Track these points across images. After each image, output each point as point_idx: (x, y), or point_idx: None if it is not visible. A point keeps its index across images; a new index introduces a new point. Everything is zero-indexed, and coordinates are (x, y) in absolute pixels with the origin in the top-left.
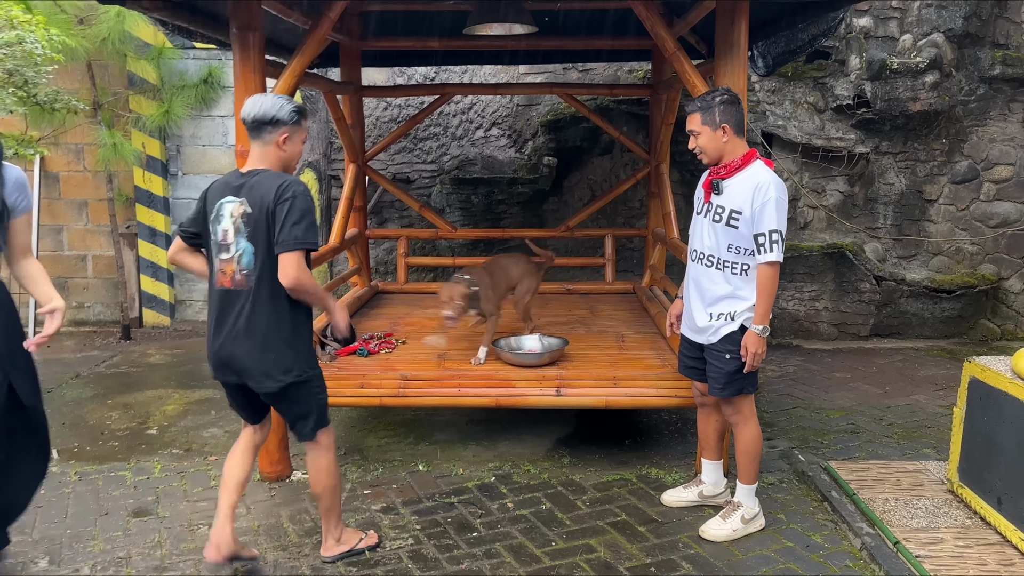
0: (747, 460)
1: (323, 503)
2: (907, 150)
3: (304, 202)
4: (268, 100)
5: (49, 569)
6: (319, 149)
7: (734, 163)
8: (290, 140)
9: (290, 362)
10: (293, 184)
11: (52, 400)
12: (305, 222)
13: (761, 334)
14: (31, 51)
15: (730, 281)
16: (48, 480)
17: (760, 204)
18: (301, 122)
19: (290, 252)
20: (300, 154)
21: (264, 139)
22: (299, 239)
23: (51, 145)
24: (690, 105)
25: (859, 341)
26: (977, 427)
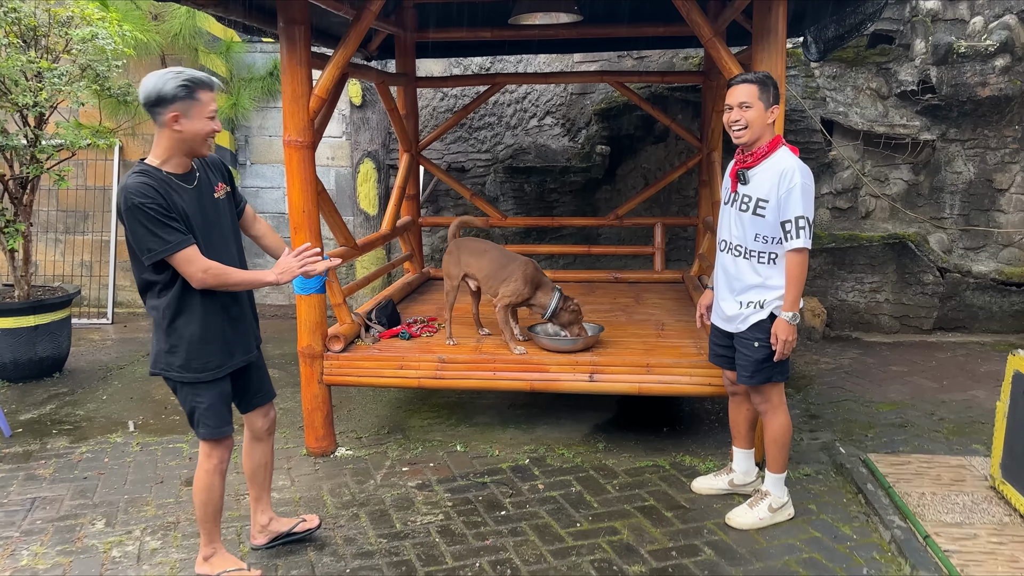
0: (776, 449)
1: (196, 512)
2: (976, 137)
3: (137, 214)
4: (154, 77)
5: (105, 530)
6: (378, 139)
7: (760, 150)
8: (184, 117)
9: (153, 354)
10: (124, 196)
11: (123, 376)
12: (147, 235)
13: (791, 321)
14: (102, 47)
15: (758, 271)
16: (113, 449)
17: (786, 191)
18: (195, 95)
19: (167, 259)
20: (204, 130)
21: (158, 121)
22: (151, 252)
23: (128, 136)
24: (745, 75)
25: (922, 335)
26: (1020, 422)
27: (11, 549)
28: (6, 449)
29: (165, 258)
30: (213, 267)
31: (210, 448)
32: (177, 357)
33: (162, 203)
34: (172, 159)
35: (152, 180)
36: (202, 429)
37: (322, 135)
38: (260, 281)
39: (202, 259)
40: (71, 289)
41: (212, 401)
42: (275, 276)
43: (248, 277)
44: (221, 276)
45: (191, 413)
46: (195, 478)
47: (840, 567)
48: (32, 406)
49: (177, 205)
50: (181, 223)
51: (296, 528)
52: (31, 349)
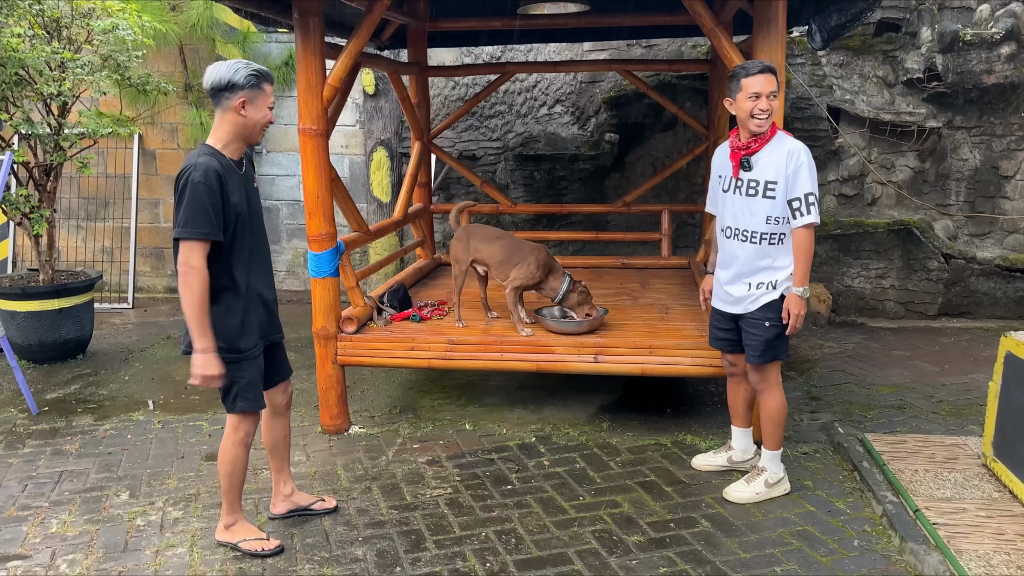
0: (771, 427)
1: (221, 483)
2: (982, 124)
3: (192, 191)
4: (224, 65)
5: (129, 501)
6: (391, 127)
7: (764, 136)
8: (250, 104)
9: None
10: (190, 170)
11: (145, 358)
12: (187, 212)
13: (802, 296)
14: (122, 37)
15: (767, 253)
16: (135, 427)
17: (793, 170)
18: (260, 85)
19: (180, 240)
20: (264, 120)
21: (223, 105)
22: (180, 228)
23: (148, 125)
24: (767, 64)
25: (926, 320)
26: (1011, 401)
27: (41, 518)
28: (33, 426)
29: (181, 238)
30: (201, 276)
31: (239, 421)
32: (222, 339)
33: (217, 191)
34: (231, 144)
35: (218, 166)
36: (240, 403)
37: (336, 123)
38: (199, 330)
39: (203, 260)
40: (93, 274)
41: (253, 376)
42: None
43: (198, 314)
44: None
45: (229, 387)
46: (221, 450)
47: (832, 539)
48: (57, 386)
49: (231, 194)
50: (219, 219)
51: (314, 505)
52: (55, 331)
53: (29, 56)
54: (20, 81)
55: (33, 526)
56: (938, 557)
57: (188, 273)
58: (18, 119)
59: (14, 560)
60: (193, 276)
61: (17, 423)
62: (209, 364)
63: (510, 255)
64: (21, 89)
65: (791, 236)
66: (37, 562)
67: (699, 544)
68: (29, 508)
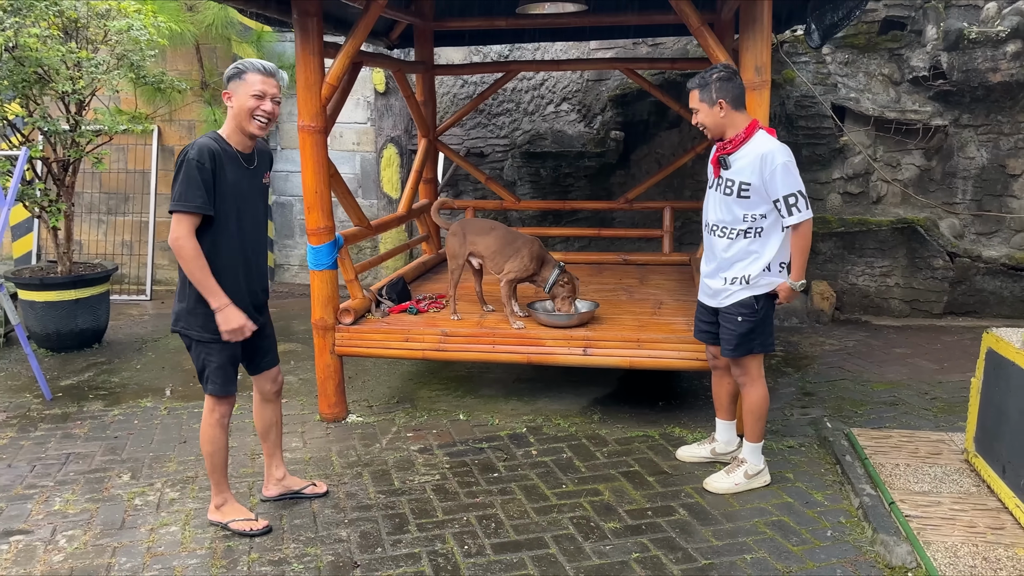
0: (752, 420)
1: (204, 463)
2: (989, 123)
3: (187, 167)
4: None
5: (129, 482)
6: (401, 125)
7: (738, 137)
8: (234, 94)
9: (177, 312)
10: (188, 148)
11: (156, 348)
12: (181, 186)
13: (798, 289)
14: (136, 37)
15: (743, 248)
16: (143, 413)
17: (769, 173)
18: (242, 76)
19: (172, 213)
20: (246, 107)
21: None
22: (174, 202)
23: (166, 122)
24: (689, 82)
25: (931, 319)
26: (990, 397)
27: (46, 496)
28: (47, 411)
29: (174, 211)
30: (191, 244)
31: (214, 403)
32: (197, 318)
33: (209, 168)
34: (233, 134)
35: (216, 146)
36: (210, 386)
37: (335, 120)
38: (209, 292)
39: (191, 231)
40: (109, 266)
41: (222, 362)
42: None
43: (202, 278)
44: (185, 255)
45: (202, 370)
46: (201, 432)
47: (806, 529)
48: (72, 373)
49: (226, 175)
50: (209, 194)
51: (305, 490)
52: (72, 321)
53: (46, 56)
54: (39, 79)
55: (37, 504)
56: (907, 548)
57: (178, 242)
58: (37, 116)
59: (17, 535)
60: (183, 243)
61: (31, 408)
62: (229, 318)
63: (504, 246)
64: (41, 87)
65: (769, 233)
66: (38, 537)
67: (673, 532)
68: (35, 487)
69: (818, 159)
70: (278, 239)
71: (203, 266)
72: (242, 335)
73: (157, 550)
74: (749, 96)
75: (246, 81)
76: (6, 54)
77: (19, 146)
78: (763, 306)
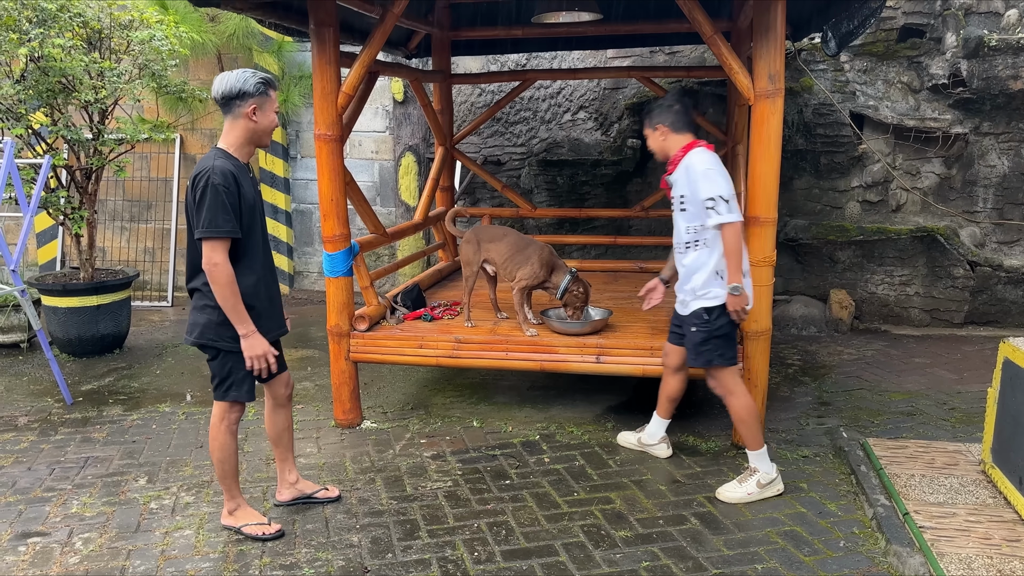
0: (743, 428)
1: (215, 470)
2: (1011, 130)
3: (213, 193)
4: (234, 75)
5: (146, 486)
6: (419, 134)
7: (676, 156)
8: (260, 111)
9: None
10: (208, 173)
11: (176, 354)
12: (209, 214)
13: (732, 292)
14: (157, 47)
15: (693, 259)
16: (160, 417)
17: (693, 180)
18: (268, 92)
19: (203, 240)
20: (272, 124)
21: (234, 112)
22: (204, 229)
23: (188, 131)
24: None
25: (952, 328)
26: (1007, 407)
27: (64, 499)
28: (67, 415)
29: (205, 238)
30: (227, 270)
31: (227, 410)
32: (229, 328)
33: (234, 191)
34: (242, 148)
35: (233, 168)
36: (233, 392)
37: (351, 129)
38: (238, 318)
39: (226, 256)
40: (131, 272)
41: (249, 371)
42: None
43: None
44: (220, 280)
45: (225, 378)
46: (210, 439)
47: (818, 539)
48: (93, 378)
49: (245, 192)
50: (236, 216)
51: (317, 494)
52: (94, 327)
53: (70, 66)
54: (63, 89)
55: (55, 506)
56: (920, 559)
57: (214, 270)
58: (61, 125)
59: (34, 536)
60: (219, 271)
61: (52, 412)
62: (254, 345)
63: (515, 253)
64: (65, 97)
65: (713, 243)
66: (55, 539)
67: (685, 540)
68: (53, 490)
69: (837, 167)
70: (297, 246)
71: (235, 292)
72: (264, 363)
73: (171, 553)
74: (762, 104)
75: (271, 98)
76: (31, 64)
77: (43, 154)
78: (716, 318)
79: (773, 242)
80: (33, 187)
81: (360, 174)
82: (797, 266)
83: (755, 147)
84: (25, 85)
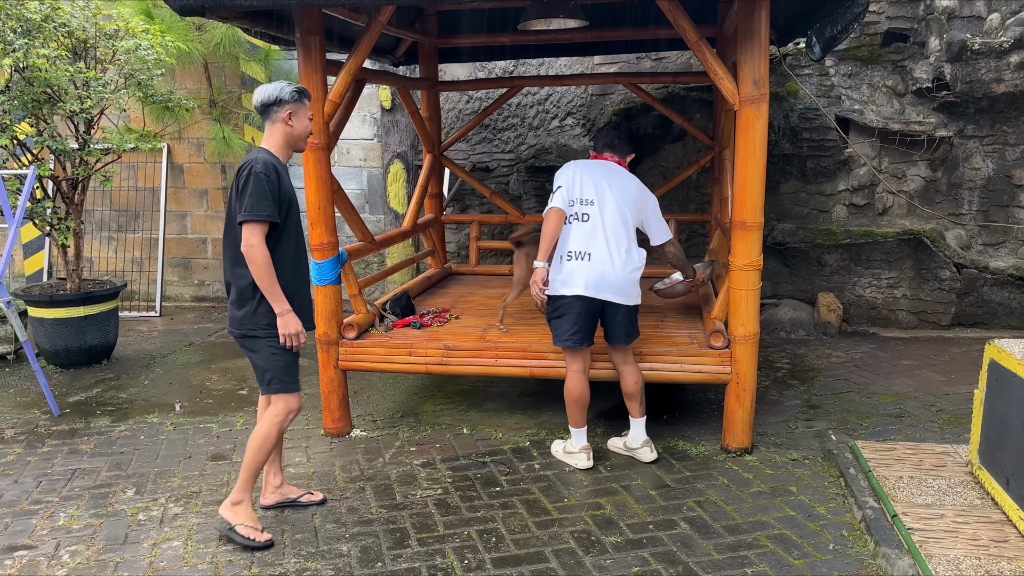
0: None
1: (244, 459)
2: (995, 133)
3: (255, 181)
4: (272, 85)
5: (134, 497)
6: (407, 141)
7: None
8: (295, 116)
9: (241, 317)
10: (252, 163)
11: (165, 363)
12: (251, 199)
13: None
14: (143, 56)
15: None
16: (148, 428)
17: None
18: (303, 100)
19: (243, 223)
20: (307, 130)
21: (272, 118)
22: (245, 213)
23: (175, 140)
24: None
25: (939, 330)
26: (993, 409)
27: (51, 511)
28: (54, 427)
29: (245, 221)
30: (263, 251)
31: (287, 403)
32: (263, 316)
33: (275, 181)
34: (282, 150)
35: (276, 163)
36: (276, 384)
37: (338, 137)
38: (273, 296)
39: (263, 239)
40: (118, 282)
41: (290, 359)
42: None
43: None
44: (257, 260)
45: (268, 369)
46: (260, 431)
47: (808, 543)
48: (80, 389)
49: (285, 186)
50: (277, 205)
51: (301, 499)
52: (81, 337)
53: (54, 76)
54: (48, 99)
55: (42, 519)
56: (908, 561)
57: (250, 250)
58: (46, 135)
59: (21, 550)
60: (255, 251)
61: (39, 424)
62: (288, 323)
63: None
64: (50, 107)
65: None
66: (42, 552)
67: (675, 545)
68: (40, 502)
69: (823, 171)
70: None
71: (271, 272)
72: (298, 340)
73: (159, 565)
74: (747, 109)
75: (305, 105)
76: (16, 75)
77: (29, 165)
78: (557, 302)
79: (759, 246)
80: (18, 198)
81: (348, 182)
82: (785, 270)
83: (740, 152)
84: (10, 96)
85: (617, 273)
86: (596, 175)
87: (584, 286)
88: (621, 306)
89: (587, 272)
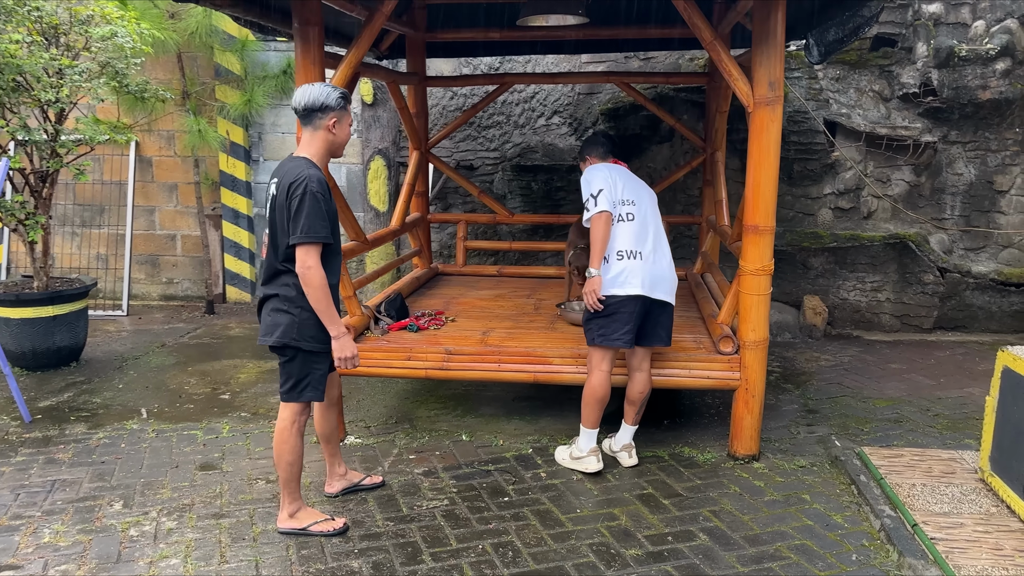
0: (583, 405)
1: (278, 473)
2: (977, 139)
3: (312, 201)
4: (317, 88)
5: (122, 511)
6: (388, 137)
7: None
8: (339, 124)
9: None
10: (306, 180)
11: (138, 366)
12: (308, 221)
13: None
14: (121, 44)
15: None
16: (129, 435)
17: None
18: (346, 107)
19: (299, 245)
20: (347, 137)
21: (315, 124)
22: (302, 235)
23: (144, 132)
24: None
25: (922, 333)
26: (1008, 416)
27: (34, 528)
28: (26, 434)
29: (301, 243)
30: (320, 273)
31: (299, 412)
32: (309, 329)
33: (329, 200)
34: (323, 159)
35: (323, 176)
36: (309, 392)
37: None
38: (330, 320)
39: (319, 260)
40: (88, 281)
41: (325, 369)
42: (339, 334)
43: (326, 307)
44: (314, 283)
45: (301, 379)
46: (279, 441)
47: (830, 553)
48: (51, 393)
49: (333, 205)
50: (329, 223)
51: (364, 482)
52: (49, 339)
53: (27, 62)
54: (17, 87)
55: (25, 536)
56: (936, 572)
57: (307, 273)
58: (15, 125)
59: (7, 570)
60: (312, 274)
61: (10, 431)
62: (345, 347)
63: None
64: (18, 95)
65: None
66: (29, 572)
67: (697, 558)
68: (21, 517)
69: (810, 174)
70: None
71: (328, 295)
72: (354, 364)
73: None
74: (762, 111)
75: (348, 112)
76: None
77: None
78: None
79: (771, 250)
80: None
81: None
82: None
83: (754, 155)
84: None
85: (666, 271)
86: (624, 176)
87: (641, 285)
88: (668, 305)
89: (642, 271)
